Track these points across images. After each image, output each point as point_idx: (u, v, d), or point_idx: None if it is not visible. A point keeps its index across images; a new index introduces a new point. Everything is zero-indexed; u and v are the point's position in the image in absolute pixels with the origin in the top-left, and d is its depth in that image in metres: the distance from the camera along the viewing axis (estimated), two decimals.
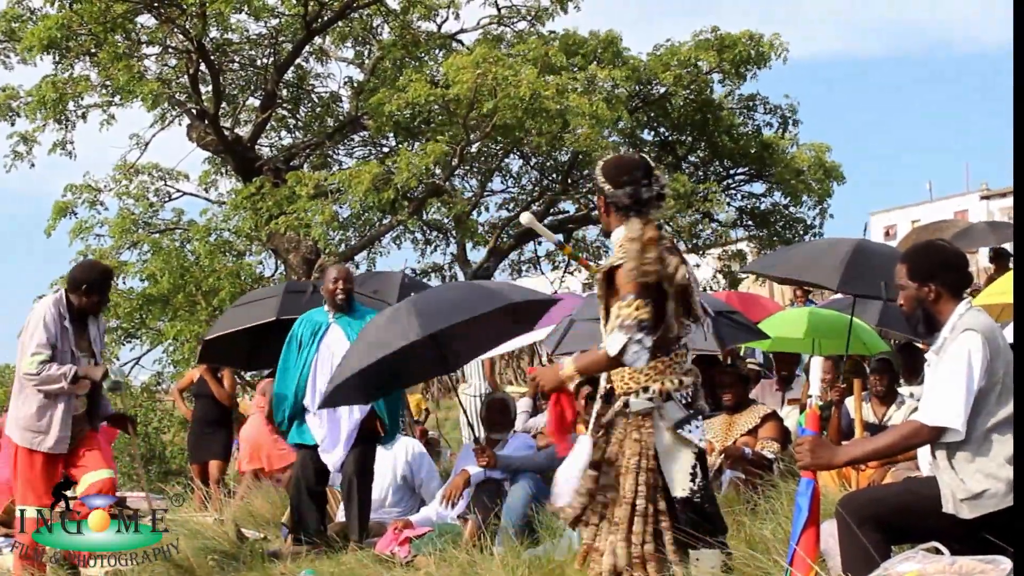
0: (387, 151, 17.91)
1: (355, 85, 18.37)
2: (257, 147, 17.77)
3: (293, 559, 6.55)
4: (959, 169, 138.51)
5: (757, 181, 19.39)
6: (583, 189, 17.89)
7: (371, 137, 18.37)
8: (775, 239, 19.02)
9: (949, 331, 3.86)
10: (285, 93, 18.59)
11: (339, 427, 6.92)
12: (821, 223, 19.13)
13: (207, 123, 16.72)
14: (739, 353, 10.10)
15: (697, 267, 18.87)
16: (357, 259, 17.74)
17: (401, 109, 15.37)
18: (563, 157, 18.27)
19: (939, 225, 13.89)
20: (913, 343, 7.85)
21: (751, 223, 19.58)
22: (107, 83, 15.93)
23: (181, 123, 17.70)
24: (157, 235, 17.25)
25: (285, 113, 19.14)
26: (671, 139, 19.08)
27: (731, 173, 19.42)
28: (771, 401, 8.49)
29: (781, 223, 19.28)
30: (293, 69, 18.24)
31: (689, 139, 19.14)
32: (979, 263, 16.45)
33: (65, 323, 6.31)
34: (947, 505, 3.76)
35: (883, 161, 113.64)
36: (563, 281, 20.49)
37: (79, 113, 16.69)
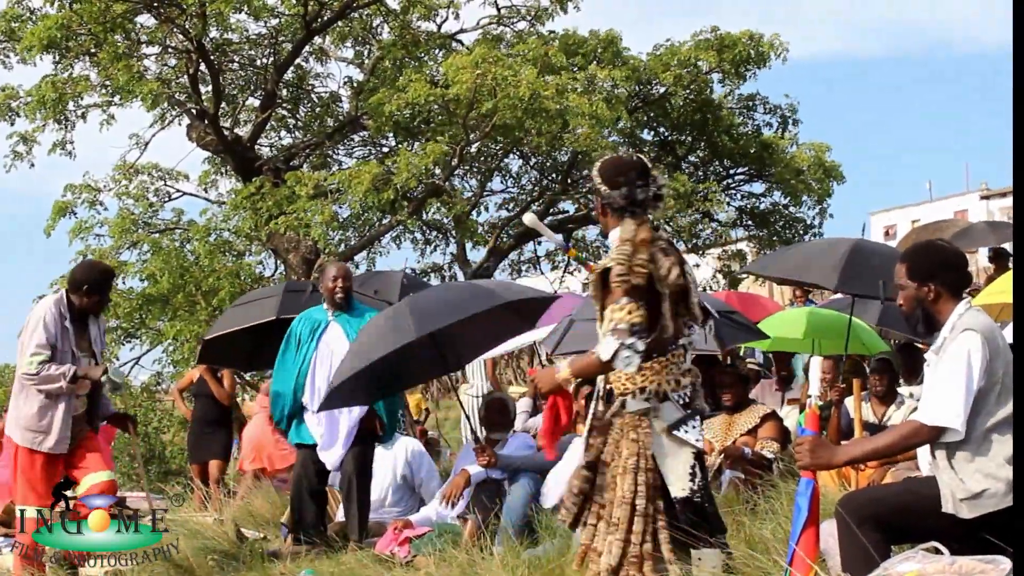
0: (387, 151, 17.90)
1: (355, 85, 18.36)
2: (257, 147, 17.76)
3: (293, 559, 6.55)
4: (959, 169, 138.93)
5: (757, 181, 19.38)
6: (583, 189, 17.88)
7: (371, 137, 18.35)
8: (775, 239, 19.00)
9: (949, 331, 3.86)
10: (285, 93, 18.58)
11: (337, 426, 6.91)
12: (821, 223, 19.14)
13: (207, 123, 16.71)
14: (739, 353, 10.10)
15: (697, 267, 18.86)
16: (357, 259, 17.76)
17: (401, 109, 15.36)
18: (563, 157, 18.27)
19: (939, 225, 13.87)
20: (913, 343, 7.84)
21: (751, 223, 19.56)
22: (107, 83, 15.93)
23: (181, 123, 17.71)
24: (157, 235, 17.24)
25: (285, 113, 19.13)
26: (671, 139, 19.07)
27: (731, 173, 19.41)
28: (771, 401, 8.49)
29: (781, 223, 19.27)
30: (293, 69, 18.23)
31: (689, 139, 19.13)
32: (979, 263, 16.44)
33: (66, 323, 6.31)
34: (947, 505, 3.76)
35: (883, 161, 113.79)
36: (563, 281, 20.49)
37: (79, 113, 16.71)
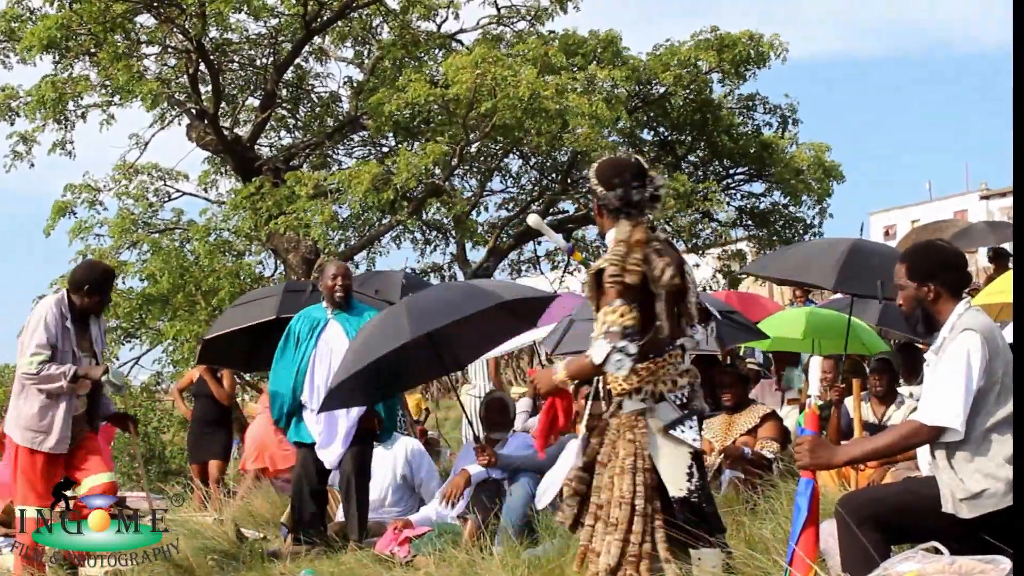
0: (387, 151, 17.89)
1: (355, 85, 18.35)
2: (257, 147, 17.75)
3: (292, 559, 6.56)
4: (959, 169, 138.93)
5: (757, 181, 19.37)
6: (583, 189, 17.87)
7: (371, 137, 18.34)
8: (775, 239, 18.99)
9: (948, 331, 3.87)
10: (285, 93, 18.57)
11: (336, 424, 6.90)
12: (821, 223, 19.14)
13: (206, 123, 16.71)
14: (739, 353, 10.10)
15: (697, 267, 18.86)
16: (357, 259, 17.75)
17: (401, 109, 15.35)
18: (563, 157, 18.25)
19: (939, 225, 13.88)
20: (913, 343, 7.84)
21: (751, 223, 19.55)
22: (107, 83, 15.92)
23: (181, 123, 17.69)
24: (157, 235, 17.23)
25: (285, 113, 19.11)
26: (671, 139, 19.06)
27: (731, 173, 19.40)
28: (771, 401, 8.50)
29: (781, 223, 19.26)
30: (293, 69, 18.22)
31: (689, 139, 19.12)
32: (978, 263, 16.45)
33: (67, 323, 6.31)
34: (946, 505, 3.76)
35: (883, 161, 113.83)
36: (563, 281, 20.48)
37: (79, 113, 16.69)
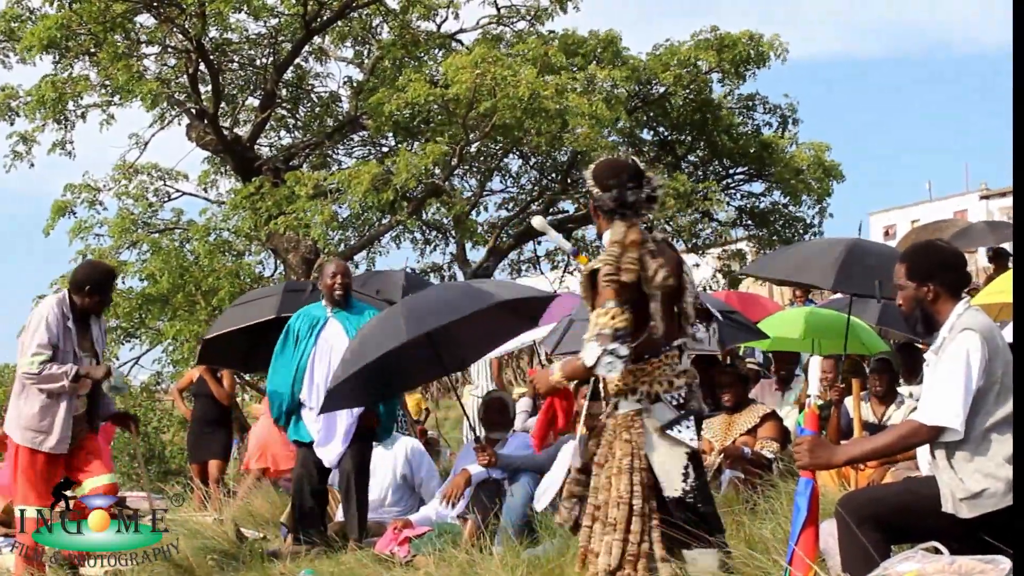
0: (386, 151, 17.89)
1: (354, 85, 18.34)
2: (256, 147, 17.74)
3: (292, 559, 6.55)
4: (958, 169, 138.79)
5: (757, 180, 19.37)
6: (582, 189, 17.85)
7: (370, 137, 18.34)
8: (775, 238, 18.99)
9: (948, 331, 3.87)
10: (284, 93, 18.56)
11: (335, 422, 6.90)
12: (821, 222, 19.15)
13: (206, 123, 16.70)
14: (739, 353, 10.10)
15: (697, 267, 18.87)
16: (357, 259, 17.74)
17: (400, 109, 15.35)
18: (562, 157, 18.25)
19: (938, 225, 13.89)
20: (913, 343, 7.84)
21: (751, 222, 19.55)
22: (106, 83, 15.91)
23: (180, 123, 17.69)
24: (156, 235, 17.22)
25: (284, 113, 19.11)
26: (670, 139, 19.06)
27: (730, 172, 19.40)
28: (770, 401, 8.49)
29: (781, 222, 19.26)
30: (292, 69, 18.21)
31: (688, 139, 19.11)
32: (978, 263, 16.46)
33: (68, 323, 6.31)
34: (946, 505, 3.76)
35: (882, 161, 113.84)
36: (563, 281, 20.47)
37: (78, 113, 16.68)
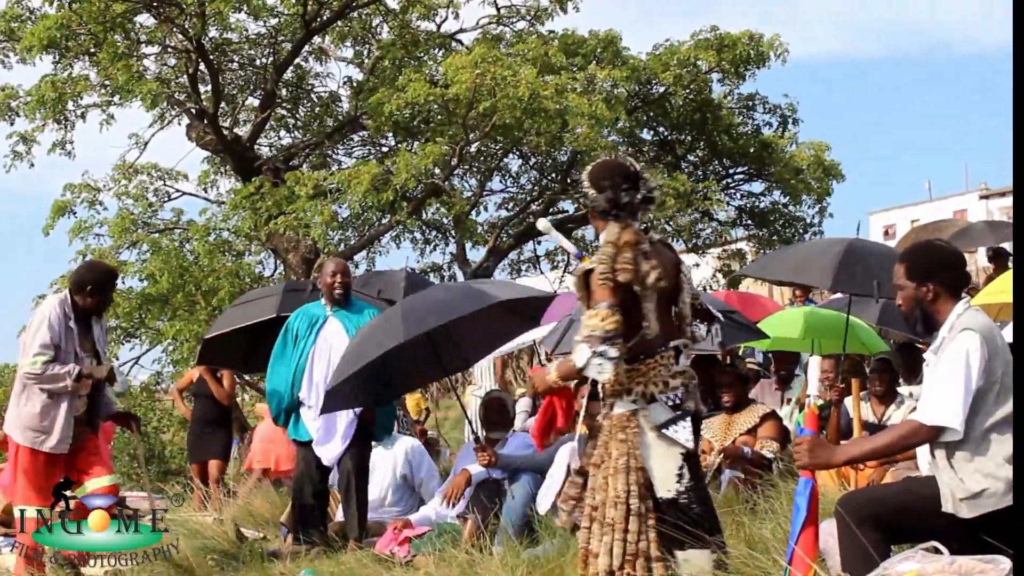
0: (386, 151, 17.89)
1: (354, 85, 18.35)
2: (256, 147, 17.75)
3: (292, 559, 6.56)
4: (958, 169, 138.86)
5: (756, 180, 19.38)
6: (582, 189, 17.82)
7: (370, 137, 18.34)
8: (775, 238, 19.00)
9: (947, 331, 3.87)
10: (284, 93, 18.57)
11: (334, 421, 6.89)
12: (821, 222, 19.16)
13: (206, 123, 16.71)
14: (739, 353, 10.10)
15: (697, 267, 18.87)
16: (357, 259, 17.75)
17: (400, 109, 15.35)
18: (562, 157, 18.25)
19: (938, 225, 13.87)
20: (913, 343, 7.83)
21: (751, 222, 19.55)
22: (106, 83, 15.92)
23: (180, 123, 17.70)
24: (156, 235, 17.24)
25: (284, 113, 19.11)
26: (670, 139, 19.07)
27: (730, 172, 19.41)
28: (770, 401, 8.48)
29: (781, 222, 19.27)
30: (292, 69, 18.22)
31: (688, 138, 19.12)
32: (978, 262, 16.45)
33: (70, 323, 6.31)
34: (946, 504, 3.76)
35: (882, 161, 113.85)
36: (563, 281, 20.47)
37: (78, 113, 16.71)
